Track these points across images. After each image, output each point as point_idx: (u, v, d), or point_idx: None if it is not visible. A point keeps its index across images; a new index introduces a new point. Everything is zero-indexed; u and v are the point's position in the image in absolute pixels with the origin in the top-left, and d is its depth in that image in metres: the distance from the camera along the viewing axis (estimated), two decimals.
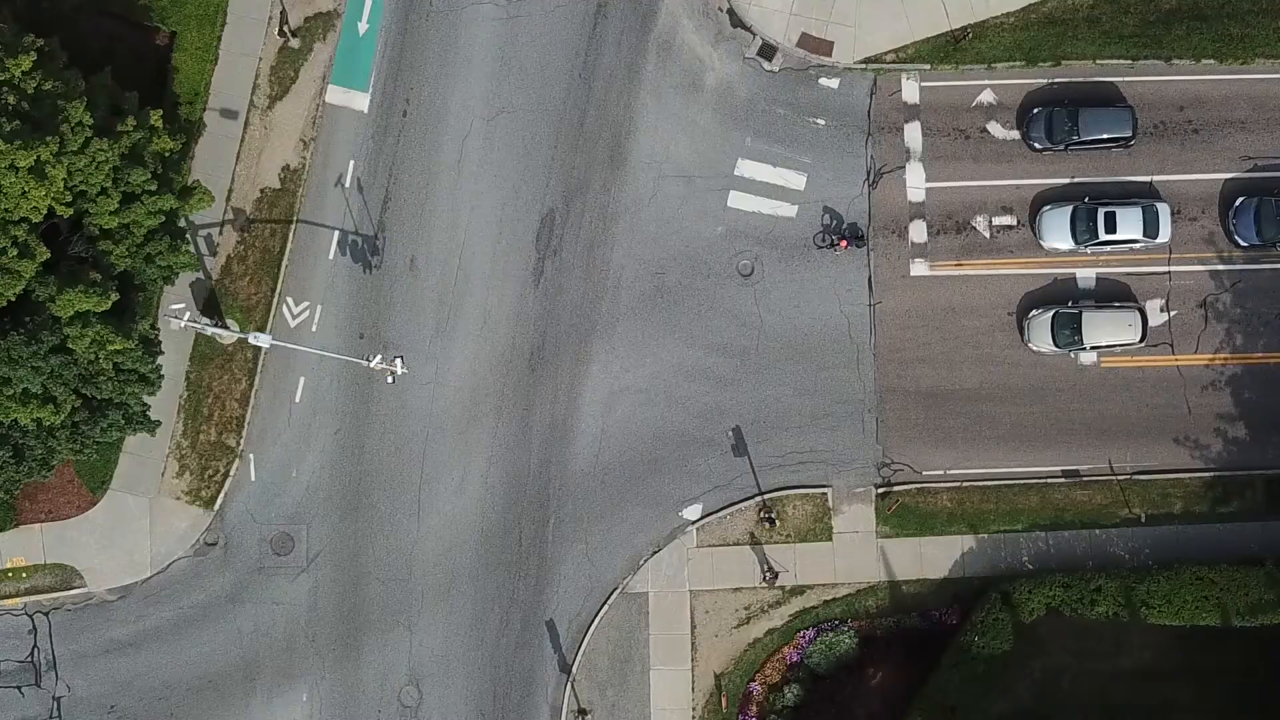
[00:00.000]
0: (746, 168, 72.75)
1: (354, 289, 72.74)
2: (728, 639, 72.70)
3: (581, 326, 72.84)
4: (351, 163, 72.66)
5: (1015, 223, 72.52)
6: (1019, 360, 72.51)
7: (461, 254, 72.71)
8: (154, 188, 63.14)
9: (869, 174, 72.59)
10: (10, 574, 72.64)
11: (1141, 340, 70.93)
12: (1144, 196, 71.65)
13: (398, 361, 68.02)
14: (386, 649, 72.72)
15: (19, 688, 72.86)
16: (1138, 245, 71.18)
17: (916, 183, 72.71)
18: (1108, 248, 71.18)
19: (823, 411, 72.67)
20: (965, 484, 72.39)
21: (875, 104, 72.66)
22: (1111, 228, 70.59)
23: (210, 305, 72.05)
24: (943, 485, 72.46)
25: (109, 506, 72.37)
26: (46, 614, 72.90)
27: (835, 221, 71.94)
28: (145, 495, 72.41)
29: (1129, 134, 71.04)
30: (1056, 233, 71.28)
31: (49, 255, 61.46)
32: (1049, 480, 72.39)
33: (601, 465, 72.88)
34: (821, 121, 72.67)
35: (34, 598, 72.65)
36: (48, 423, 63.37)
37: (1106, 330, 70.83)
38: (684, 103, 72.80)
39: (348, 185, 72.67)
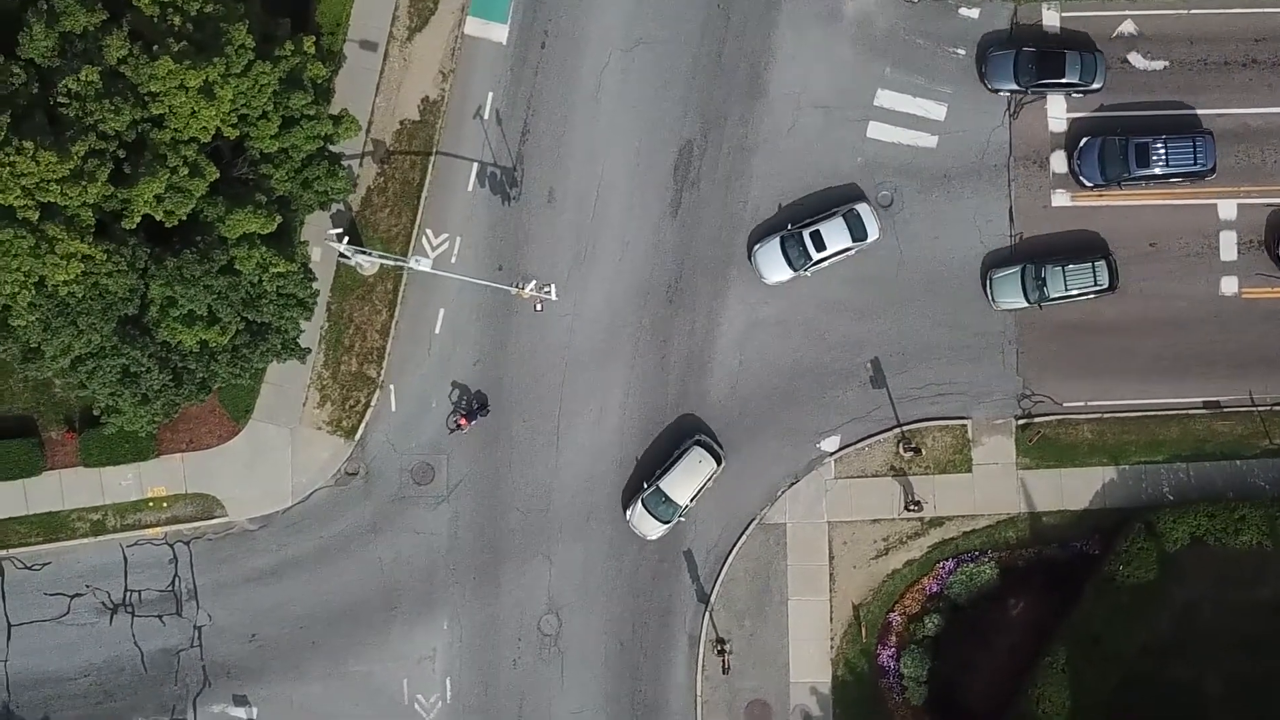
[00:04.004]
0: (886, 98, 72.54)
1: (492, 221, 72.87)
2: (866, 570, 72.76)
3: (719, 258, 72.83)
4: (490, 94, 72.73)
5: None
6: (1158, 292, 72.27)
7: (599, 186, 72.74)
8: (313, 112, 63.35)
9: (1010, 104, 72.28)
10: (151, 503, 73.09)
11: (718, 464, 71.28)
12: (843, 203, 71.47)
13: (550, 288, 68.03)
14: (526, 578, 73.01)
15: (160, 616, 73.38)
16: (853, 250, 71.20)
17: (1058, 113, 72.39)
18: (825, 263, 71.16)
19: (962, 343, 72.58)
20: (1106, 415, 72.24)
21: (1016, 34, 72.35)
22: (820, 245, 70.86)
23: (351, 237, 72.19)
24: (1083, 417, 72.31)
25: (250, 436, 72.71)
26: (187, 543, 73.33)
27: (463, 397, 71.70)
28: (286, 425, 72.73)
29: None
30: (774, 268, 71.42)
31: (218, 174, 61.67)
32: (1190, 411, 72.17)
33: (739, 397, 72.95)
34: (962, 51, 72.41)
35: (175, 527, 73.12)
36: (213, 344, 63.68)
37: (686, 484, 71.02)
38: (822, 33, 72.63)
39: (486, 117, 72.73)
